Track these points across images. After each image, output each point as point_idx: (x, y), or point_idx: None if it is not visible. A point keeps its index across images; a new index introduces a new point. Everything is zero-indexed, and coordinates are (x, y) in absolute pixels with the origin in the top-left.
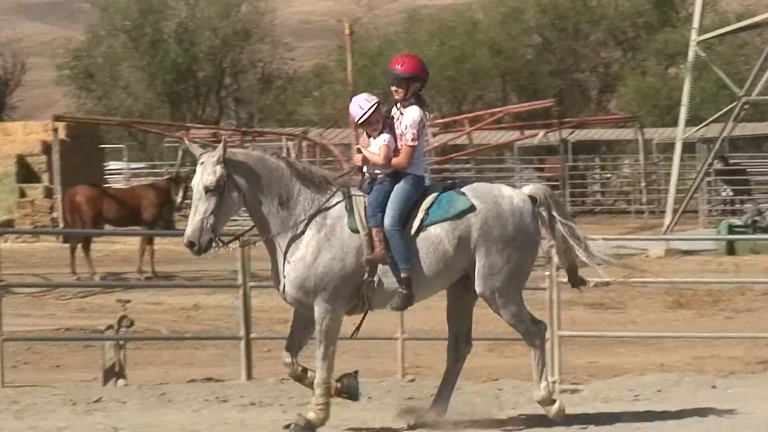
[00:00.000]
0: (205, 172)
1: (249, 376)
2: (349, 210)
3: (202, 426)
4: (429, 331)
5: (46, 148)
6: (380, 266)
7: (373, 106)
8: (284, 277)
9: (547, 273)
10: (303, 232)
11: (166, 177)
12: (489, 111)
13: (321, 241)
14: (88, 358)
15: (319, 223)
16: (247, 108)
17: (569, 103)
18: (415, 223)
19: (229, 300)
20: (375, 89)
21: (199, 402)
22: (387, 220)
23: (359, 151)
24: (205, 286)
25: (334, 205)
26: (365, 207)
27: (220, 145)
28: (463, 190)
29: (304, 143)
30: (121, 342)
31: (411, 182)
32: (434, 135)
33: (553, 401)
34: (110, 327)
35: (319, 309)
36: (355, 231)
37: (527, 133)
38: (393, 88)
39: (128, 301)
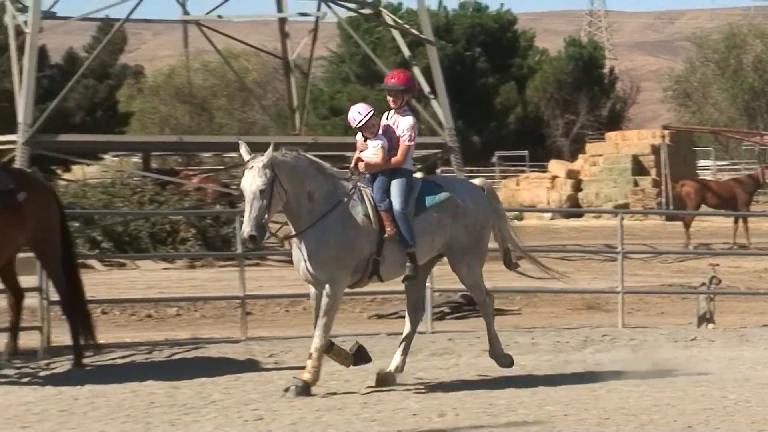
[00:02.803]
0: (257, 176)
1: None
2: (360, 199)
3: None
4: None
5: (654, 149)
6: (386, 245)
7: (369, 113)
8: (307, 257)
9: None
10: (326, 220)
11: (748, 173)
12: None
13: (337, 224)
14: (685, 307)
15: (339, 211)
16: None
17: None
18: (413, 208)
19: None
20: None
21: None
22: (397, 205)
23: (360, 160)
24: None
25: (349, 195)
26: (371, 196)
27: (269, 151)
28: (439, 182)
29: None
30: (711, 295)
31: (406, 174)
32: None
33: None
34: (703, 284)
35: (330, 285)
36: (367, 216)
37: None
38: (389, 99)
39: (717, 265)
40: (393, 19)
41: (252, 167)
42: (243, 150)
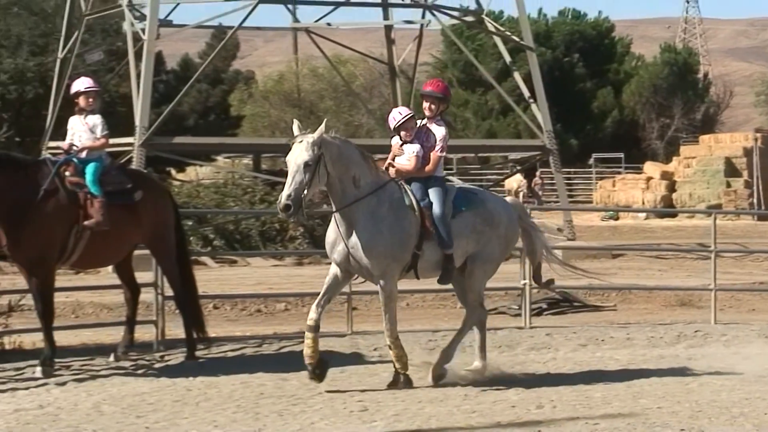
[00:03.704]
0: (304, 150)
1: None
2: (404, 190)
3: None
4: None
5: (746, 152)
6: (426, 241)
7: (407, 115)
8: (357, 242)
9: None
10: (372, 206)
11: None
12: None
13: (388, 215)
14: None
15: (384, 199)
16: None
17: None
18: (450, 209)
19: None
20: None
21: None
22: (437, 210)
23: (392, 165)
24: None
25: (389, 185)
26: (412, 192)
27: (321, 128)
28: (474, 190)
29: None
30: None
31: (440, 182)
32: None
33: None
34: None
35: (383, 273)
36: (411, 208)
37: None
38: (426, 105)
39: None
40: (495, 26)
41: (301, 141)
42: (295, 127)
